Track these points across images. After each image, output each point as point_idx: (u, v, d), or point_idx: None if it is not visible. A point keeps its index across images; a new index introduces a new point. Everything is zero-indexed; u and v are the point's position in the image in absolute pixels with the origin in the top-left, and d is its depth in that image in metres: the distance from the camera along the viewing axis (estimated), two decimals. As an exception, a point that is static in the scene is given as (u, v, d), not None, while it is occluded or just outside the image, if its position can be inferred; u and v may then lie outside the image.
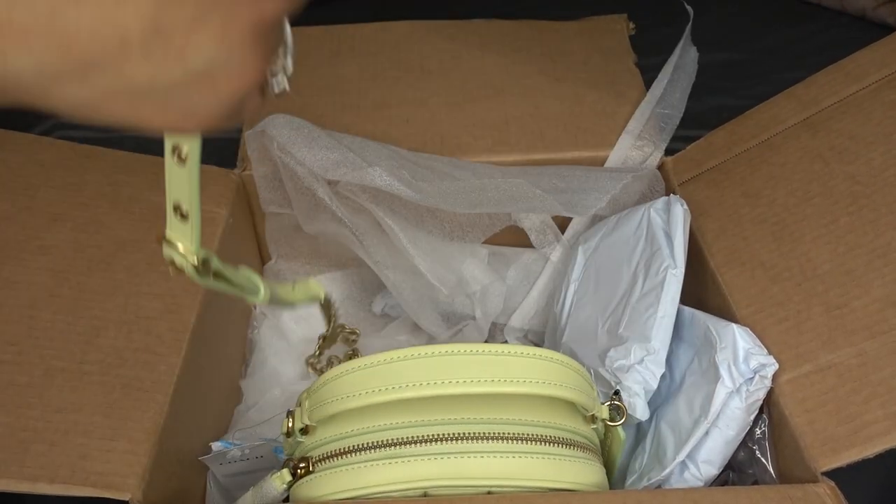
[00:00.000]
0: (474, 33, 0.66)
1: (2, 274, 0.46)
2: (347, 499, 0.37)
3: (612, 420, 0.41)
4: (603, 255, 0.54)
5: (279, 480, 0.39)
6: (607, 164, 0.58)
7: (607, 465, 0.44)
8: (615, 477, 0.47)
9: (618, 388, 0.44)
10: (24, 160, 0.52)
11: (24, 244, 0.48)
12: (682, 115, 0.59)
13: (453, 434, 0.37)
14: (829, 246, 0.45)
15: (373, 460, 0.37)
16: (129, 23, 0.20)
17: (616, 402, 0.41)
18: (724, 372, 0.42)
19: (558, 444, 0.39)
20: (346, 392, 0.36)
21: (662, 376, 0.47)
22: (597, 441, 0.42)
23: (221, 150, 0.58)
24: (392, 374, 0.36)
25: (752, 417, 0.43)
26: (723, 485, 0.45)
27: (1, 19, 0.19)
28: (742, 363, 0.42)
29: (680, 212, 0.49)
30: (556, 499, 0.38)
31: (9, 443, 0.39)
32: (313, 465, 0.38)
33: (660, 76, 0.61)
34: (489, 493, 0.37)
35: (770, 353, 0.43)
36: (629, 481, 0.46)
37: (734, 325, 0.44)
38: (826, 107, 0.51)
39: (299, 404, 0.40)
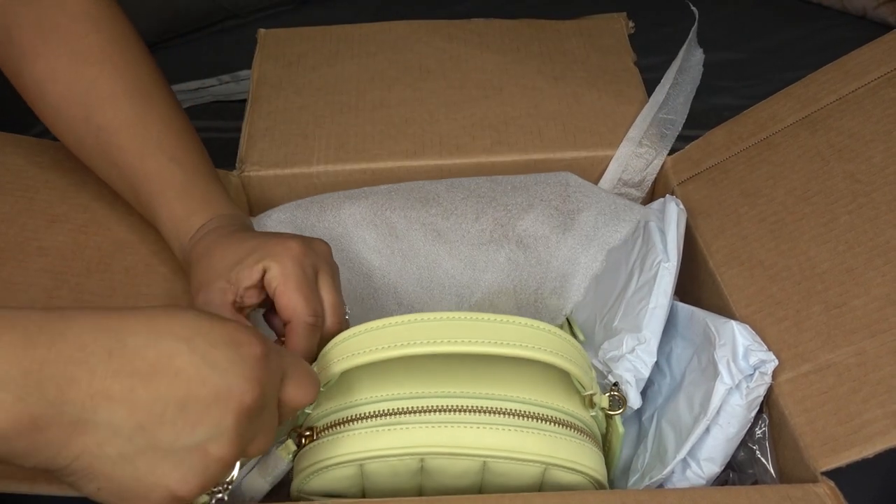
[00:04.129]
0: (473, 33, 0.66)
1: (1, 275, 0.46)
2: (347, 462, 0.39)
3: (611, 409, 0.42)
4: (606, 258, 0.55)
5: (285, 451, 0.41)
6: (608, 173, 0.58)
7: (608, 456, 0.44)
8: (617, 475, 0.47)
9: (614, 378, 0.45)
10: (24, 162, 0.52)
11: (23, 245, 0.48)
12: (685, 119, 0.59)
13: (451, 406, 0.39)
14: (829, 244, 0.45)
15: (373, 427, 0.39)
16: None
17: (615, 393, 0.42)
18: (722, 369, 0.42)
19: (554, 423, 0.40)
20: (353, 350, 0.39)
21: (664, 374, 0.48)
22: (597, 431, 0.43)
23: (221, 150, 0.58)
24: (396, 334, 0.38)
25: (753, 414, 0.43)
26: (723, 485, 0.45)
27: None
28: (741, 360, 0.42)
29: (674, 209, 0.50)
30: (555, 498, 0.38)
31: (7, 443, 0.39)
32: (317, 434, 0.40)
33: (663, 80, 0.61)
34: (485, 464, 0.39)
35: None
36: (632, 480, 0.46)
37: (733, 322, 0.44)
38: (825, 105, 0.51)
39: None
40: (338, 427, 0.40)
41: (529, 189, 0.55)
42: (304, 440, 0.40)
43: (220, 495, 0.33)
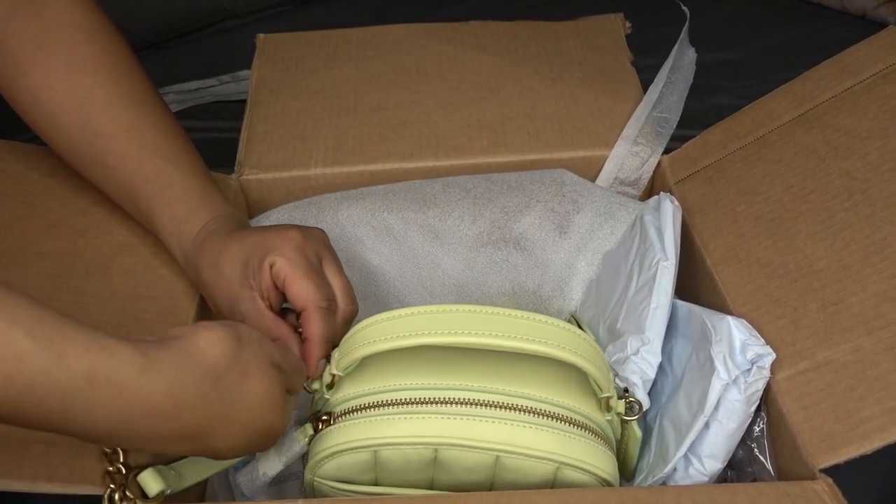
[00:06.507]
0: (470, 35, 0.66)
1: (1, 279, 0.46)
2: (360, 447, 0.39)
3: (627, 415, 0.42)
4: (602, 261, 0.55)
5: (302, 435, 0.41)
6: (604, 173, 0.58)
7: (624, 462, 0.44)
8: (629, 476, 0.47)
9: (621, 382, 0.45)
10: (23, 168, 0.52)
11: (23, 250, 0.48)
12: (679, 117, 0.59)
13: (467, 399, 0.40)
14: (826, 242, 0.45)
15: (388, 415, 0.39)
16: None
17: (630, 399, 0.42)
18: (719, 364, 0.42)
19: (569, 423, 0.40)
20: (374, 337, 0.39)
21: (665, 373, 0.48)
22: (611, 435, 0.43)
23: (221, 150, 0.58)
24: (418, 323, 0.39)
25: (753, 409, 0.43)
26: (722, 483, 0.45)
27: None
28: (738, 354, 0.42)
29: (669, 207, 0.50)
30: (553, 495, 0.38)
31: (8, 442, 0.39)
32: (335, 420, 0.41)
33: (656, 79, 0.61)
34: (497, 458, 0.39)
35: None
36: (637, 480, 0.46)
37: (729, 318, 0.44)
38: (821, 102, 0.51)
39: (328, 360, 0.42)
40: (354, 413, 0.40)
41: (525, 188, 0.55)
42: (321, 425, 0.41)
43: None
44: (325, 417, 0.41)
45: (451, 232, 0.55)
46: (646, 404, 0.44)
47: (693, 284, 0.52)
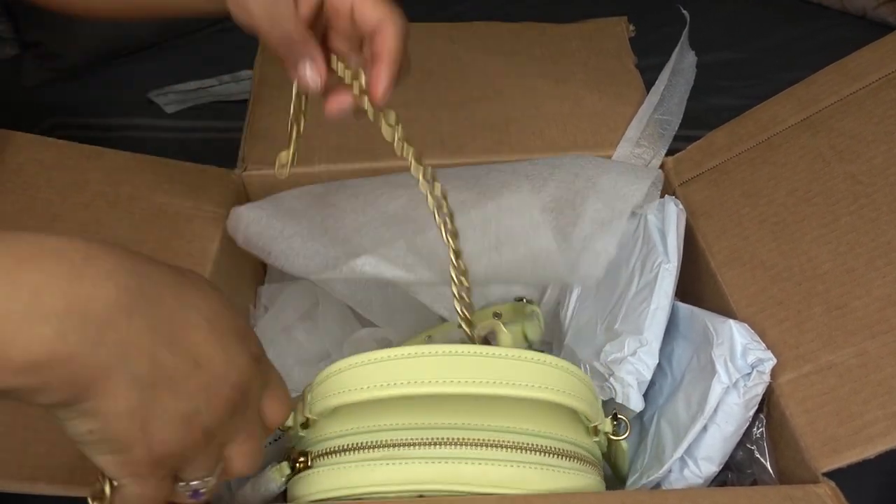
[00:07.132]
0: (475, 35, 0.66)
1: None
2: (343, 497, 0.37)
3: (615, 434, 0.41)
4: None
5: (278, 473, 0.39)
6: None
7: (614, 469, 0.44)
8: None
9: (616, 381, 0.45)
10: (24, 160, 0.52)
11: (24, 245, 0.48)
12: (680, 119, 0.59)
13: (451, 439, 0.37)
14: (830, 245, 0.45)
15: (370, 460, 0.37)
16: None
17: (620, 417, 0.41)
18: (720, 367, 0.42)
19: (557, 455, 0.39)
20: (349, 386, 0.37)
21: (664, 374, 0.48)
22: (598, 454, 0.42)
23: (221, 150, 0.58)
24: (395, 370, 0.36)
25: (751, 414, 0.43)
26: (722, 485, 0.45)
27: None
28: (739, 358, 0.42)
29: (673, 210, 0.50)
30: (556, 498, 0.38)
31: (8, 443, 0.39)
32: (312, 461, 0.39)
33: (657, 82, 0.61)
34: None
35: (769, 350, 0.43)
36: (630, 480, 0.46)
37: (731, 321, 0.44)
38: (826, 106, 0.51)
39: (302, 399, 0.40)
40: (332, 456, 0.38)
41: (543, 171, 0.54)
42: (298, 465, 0.39)
43: (194, 483, 0.33)
44: (301, 458, 0.39)
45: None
46: (639, 406, 0.44)
47: (697, 287, 0.52)
